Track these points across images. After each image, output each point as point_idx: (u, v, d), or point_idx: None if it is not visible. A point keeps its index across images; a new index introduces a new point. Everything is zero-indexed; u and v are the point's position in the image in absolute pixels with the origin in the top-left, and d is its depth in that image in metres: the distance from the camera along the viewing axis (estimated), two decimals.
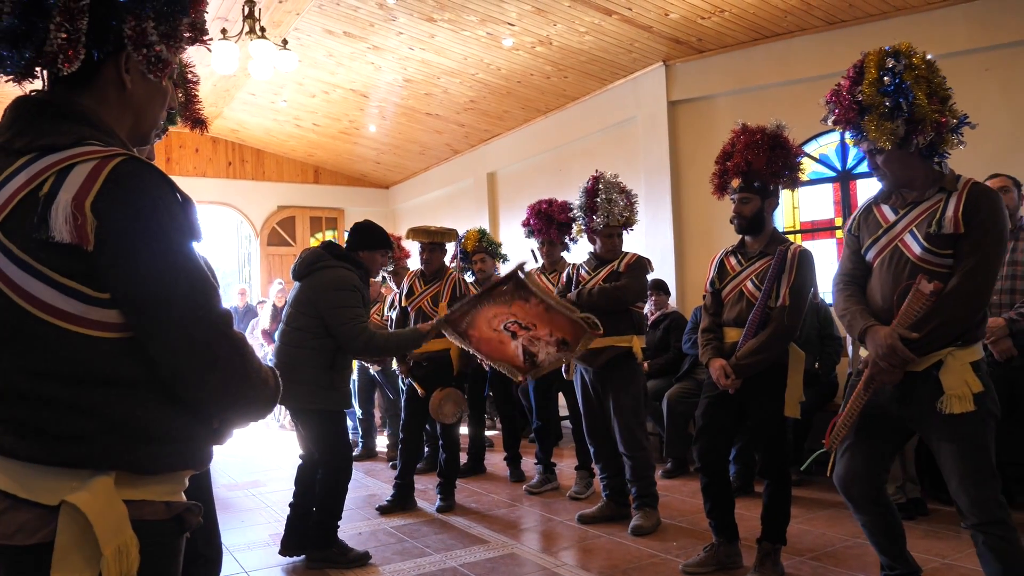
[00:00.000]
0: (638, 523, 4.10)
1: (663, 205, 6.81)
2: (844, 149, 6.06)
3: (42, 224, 1.06)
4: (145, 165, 1.13)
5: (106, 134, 1.19)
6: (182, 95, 2.31)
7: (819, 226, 6.32)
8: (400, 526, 4.45)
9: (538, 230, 5.17)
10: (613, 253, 4.34)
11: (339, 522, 3.83)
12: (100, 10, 1.15)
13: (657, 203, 6.84)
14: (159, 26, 1.21)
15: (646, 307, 5.40)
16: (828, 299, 5.47)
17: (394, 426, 6.41)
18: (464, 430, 6.00)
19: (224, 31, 5.54)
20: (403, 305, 5.02)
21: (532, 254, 5.24)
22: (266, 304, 9.28)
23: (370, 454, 6.67)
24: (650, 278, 4.63)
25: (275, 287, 9.14)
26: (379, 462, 6.49)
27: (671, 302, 6.33)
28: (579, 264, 4.49)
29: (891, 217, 2.58)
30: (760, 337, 3.27)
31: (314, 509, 3.82)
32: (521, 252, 6.89)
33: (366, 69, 7.62)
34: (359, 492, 5.22)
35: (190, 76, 2.30)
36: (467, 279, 6.00)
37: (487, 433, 6.55)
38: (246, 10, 5.53)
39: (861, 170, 5.99)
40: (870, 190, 6.00)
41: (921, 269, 2.43)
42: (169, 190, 1.15)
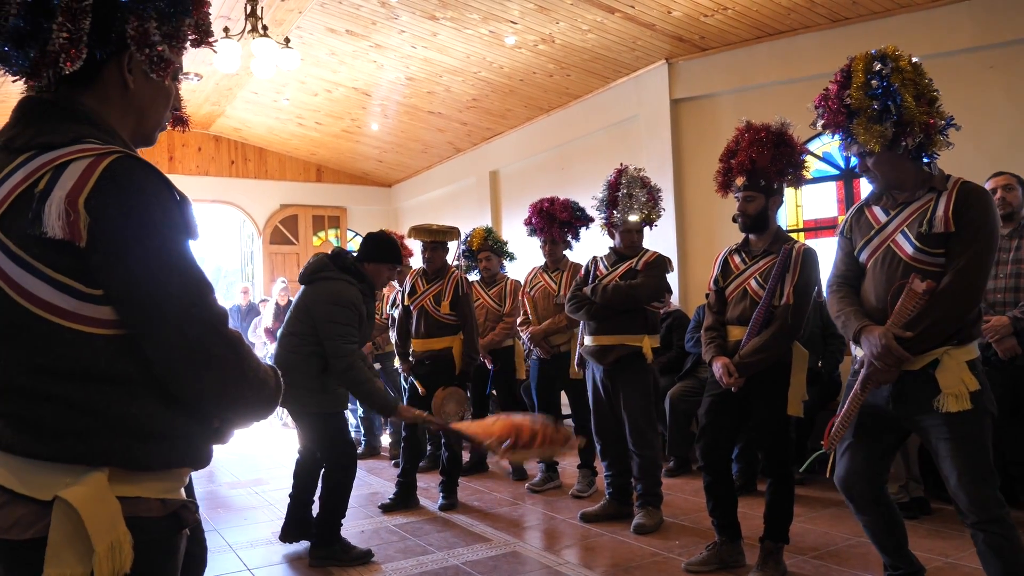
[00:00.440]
0: (641, 521, 4.10)
1: (666, 203, 6.74)
2: None
3: (36, 220, 1.06)
4: (140, 162, 1.14)
5: (106, 133, 1.19)
6: None
7: (822, 224, 6.31)
8: (402, 524, 4.45)
9: (540, 229, 5.17)
10: (632, 249, 4.29)
11: (343, 520, 3.84)
12: (103, 10, 1.16)
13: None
14: (161, 26, 1.21)
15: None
16: None
17: (396, 424, 6.42)
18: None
19: (227, 29, 5.54)
20: (406, 304, 5.02)
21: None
22: (269, 302, 9.29)
23: (373, 452, 6.67)
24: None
25: (278, 285, 9.15)
26: (382, 460, 6.49)
27: (674, 300, 6.32)
28: (599, 257, 4.44)
29: (883, 218, 2.60)
30: (764, 335, 3.26)
31: (316, 505, 3.84)
32: (523, 250, 6.88)
33: (368, 67, 7.61)
34: (362, 490, 5.22)
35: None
36: (473, 277, 6.01)
37: None
38: (248, 8, 5.53)
39: None
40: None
41: (914, 269, 2.45)
42: (164, 187, 1.14)
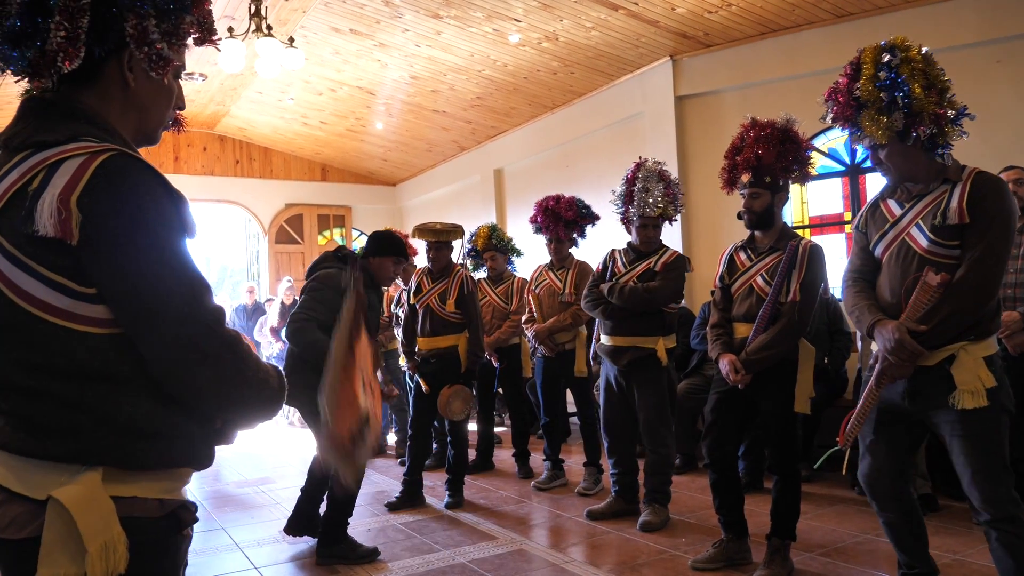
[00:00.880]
0: (647, 519, 4.09)
1: None
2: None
3: (29, 218, 1.06)
4: (134, 160, 1.13)
5: (105, 131, 1.18)
6: None
7: (828, 221, 6.29)
8: (409, 522, 4.46)
9: (545, 227, 5.16)
10: (649, 245, 4.25)
11: (349, 519, 3.85)
12: (101, 9, 1.15)
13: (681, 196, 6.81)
14: (160, 24, 1.20)
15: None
16: (838, 294, 5.45)
17: (401, 422, 6.43)
18: (472, 427, 6.01)
19: (231, 29, 5.55)
20: (411, 303, 5.03)
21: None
22: (274, 302, 9.31)
23: (379, 451, 6.68)
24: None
25: (283, 285, 9.16)
26: (388, 459, 6.50)
27: None
28: (617, 251, 4.38)
29: (897, 211, 2.57)
30: (770, 332, 3.25)
31: (326, 503, 3.84)
32: (528, 248, 6.88)
33: (372, 66, 7.62)
34: (368, 488, 5.22)
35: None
36: (480, 274, 6.02)
37: (495, 429, 6.55)
38: (252, 8, 5.53)
39: (870, 164, 5.94)
40: (879, 184, 5.93)
41: (928, 262, 2.41)
42: (158, 185, 1.13)
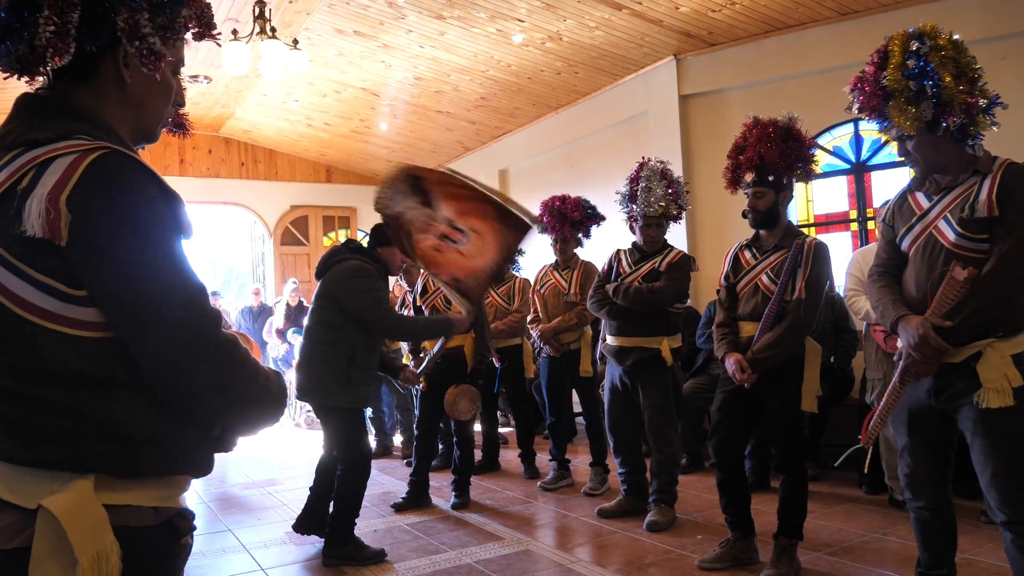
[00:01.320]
0: (654, 519, 4.09)
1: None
2: (858, 141, 6.01)
3: (16, 218, 1.02)
4: (127, 158, 1.09)
5: (100, 129, 1.15)
6: None
7: (833, 219, 6.27)
8: (415, 523, 4.46)
9: (551, 227, 5.16)
10: (653, 245, 4.26)
11: (356, 519, 3.86)
12: (93, 2, 1.12)
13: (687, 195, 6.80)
14: (154, 18, 1.17)
15: None
16: (843, 292, 5.43)
17: (407, 422, 6.43)
18: (477, 427, 6.01)
19: (235, 32, 5.56)
20: (418, 304, 5.03)
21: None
22: (280, 303, 9.33)
23: (385, 451, 6.69)
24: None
25: (289, 286, 9.18)
26: (394, 459, 6.50)
27: None
28: (623, 251, 4.39)
29: (925, 204, 2.50)
30: (776, 331, 3.25)
31: (332, 505, 3.85)
32: (533, 248, 6.87)
33: (376, 68, 7.62)
34: (374, 489, 5.23)
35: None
36: None
37: (501, 430, 6.55)
38: (256, 11, 5.55)
39: (875, 162, 5.93)
40: (885, 182, 5.95)
41: (956, 256, 2.34)
42: (152, 183, 1.09)
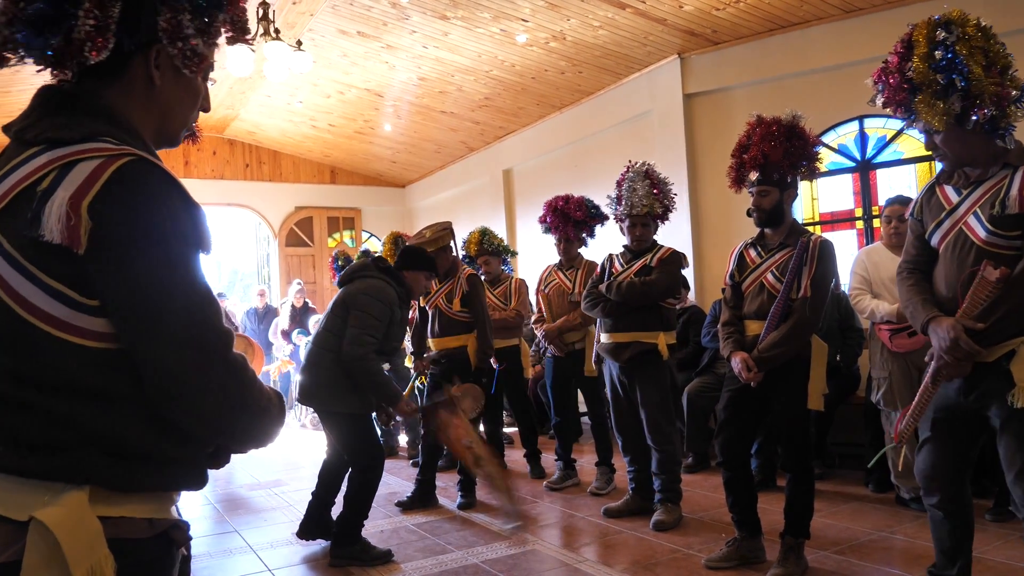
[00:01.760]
0: (660, 519, 4.09)
1: (680, 198, 6.66)
2: (863, 139, 5.99)
3: (34, 222, 0.99)
4: (153, 167, 1.06)
5: (125, 131, 1.12)
6: None
7: (838, 217, 6.25)
8: (422, 523, 4.46)
9: (555, 227, 5.16)
10: (641, 244, 4.29)
11: (365, 521, 3.86)
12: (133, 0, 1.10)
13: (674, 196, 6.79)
14: (195, 19, 1.15)
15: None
16: (848, 291, 5.41)
17: (412, 422, 6.43)
18: (481, 427, 6.01)
19: None
20: (422, 305, 5.05)
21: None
22: (284, 304, 9.34)
23: (391, 452, 6.69)
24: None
25: (293, 288, 9.20)
26: (400, 460, 6.51)
27: (690, 296, 6.30)
28: (615, 254, 4.44)
29: (954, 198, 2.42)
30: (782, 329, 3.24)
31: (342, 505, 3.86)
32: (537, 248, 6.88)
33: (380, 68, 7.63)
34: (381, 490, 5.19)
35: None
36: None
37: (505, 430, 6.55)
38: (260, 12, 5.56)
39: (880, 160, 5.92)
40: (890, 180, 5.93)
41: (987, 253, 2.27)
42: (177, 195, 1.07)
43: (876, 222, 5.92)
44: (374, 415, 3.84)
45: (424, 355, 5.05)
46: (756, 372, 3.24)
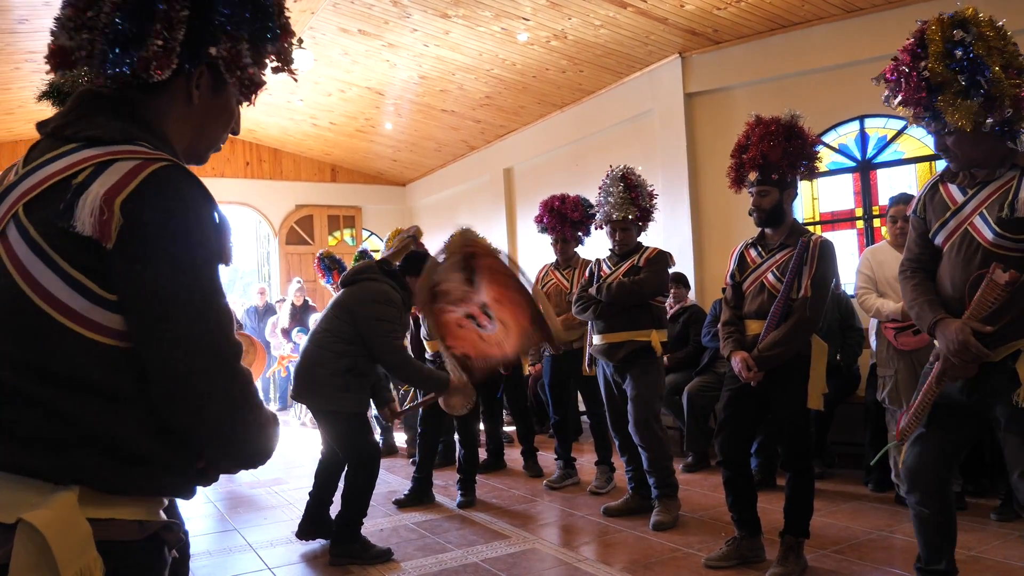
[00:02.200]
0: (659, 519, 4.08)
1: (681, 198, 6.77)
2: (864, 139, 5.99)
3: (67, 212, 1.01)
4: (187, 174, 1.09)
5: (161, 141, 1.16)
6: None
7: (839, 217, 6.25)
8: (421, 522, 4.47)
9: (551, 227, 5.15)
10: (624, 246, 4.31)
11: (363, 519, 3.86)
12: (195, 24, 1.13)
13: (675, 196, 6.81)
14: (252, 49, 1.20)
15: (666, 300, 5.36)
16: (849, 290, 5.42)
17: (410, 420, 6.43)
18: (482, 426, 6.02)
19: None
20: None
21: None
22: (285, 303, 9.34)
23: (390, 451, 6.69)
24: (672, 272, 4.55)
25: (293, 286, 9.19)
26: (399, 458, 6.51)
27: (690, 295, 6.30)
28: (602, 259, 4.47)
29: (959, 198, 2.41)
30: (782, 329, 3.24)
31: (336, 504, 3.86)
32: (538, 246, 6.88)
33: (381, 67, 7.63)
34: (379, 489, 5.20)
35: None
36: None
37: (505, 428, 6.55)
38: None
39: (881, 160, 5.92)
40: (891, 179, 5.93)
41: (994, 255, 2.27)
42: (207, 206, 1.10)
43: (877, 222, 5.92)
44: (373, 413, 3.85)
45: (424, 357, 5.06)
46: (756, 371, 3.25)
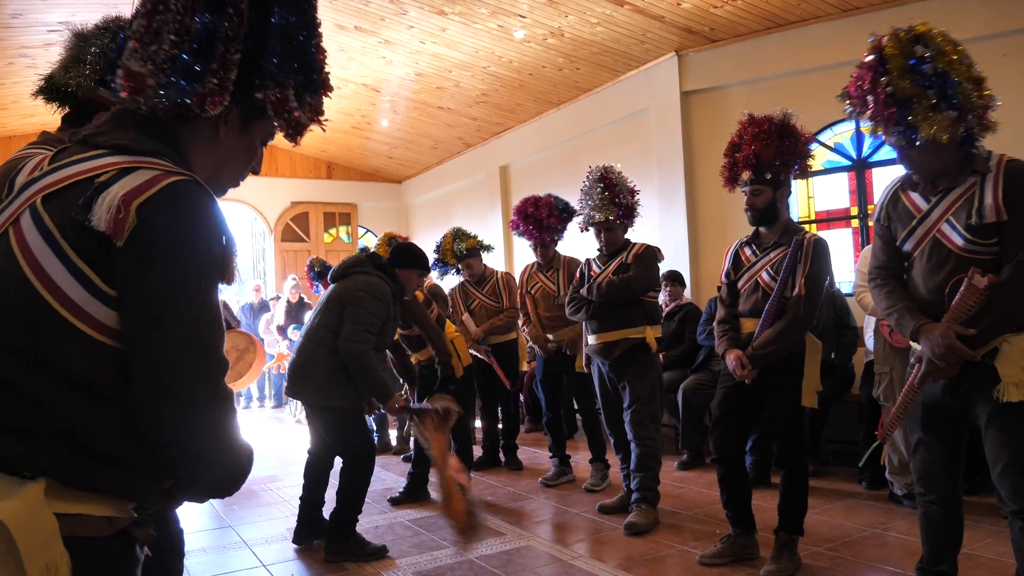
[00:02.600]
0: (633, 520, 3.99)
1: (677, 196, 6.78)
2: (859, 137, 6.00)
3: (86, 207, 1.06)
4: (204, 191, 1.14)
5: (184, 163, 1.19)
6: None
7: (834, 215, 6.27)
8: (416, 519, 4.47)
9: (528, 234, 5.13)
10: (611, 246, 4.29)
11: (358, 516, 3.86)
12: (247, 68, 1.19)
13: (671, 194, 6.81)
14: (298, 96, 1.24)
15: (660, 298, 5.35)
16: (844, 288, 5.43)
17: (401, 419, 6.43)
18: (477, 423, 6.03)
19: None
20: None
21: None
22: (280, 300, 9.33)
23: (384, 448, 6.69)
24: (663, 267, 4.55)
25: (289, 283, 9.19)
26: (393, 456, 6.51)
27: (686, 294, 6.31)
28: (591, 259, 4.46)
29: (923, 205, 2.45)
30: (776, 327, 3.25)
31: (334, 501, 3.85)
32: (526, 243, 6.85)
33: (377, 63, 7.62)
34: (374, 486, 5.21)
35: None
36: (456, 279, 5.91)
37: (500, 426, 6.55)
38: None
39: (877, 158, 5.93)
40: (886, 178, 5.92)
41: (966, 259, 2.32)
42: (218, 224, 1.14)
43: (871, 220, 5.93)
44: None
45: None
46: (750, 369, 3.26)
